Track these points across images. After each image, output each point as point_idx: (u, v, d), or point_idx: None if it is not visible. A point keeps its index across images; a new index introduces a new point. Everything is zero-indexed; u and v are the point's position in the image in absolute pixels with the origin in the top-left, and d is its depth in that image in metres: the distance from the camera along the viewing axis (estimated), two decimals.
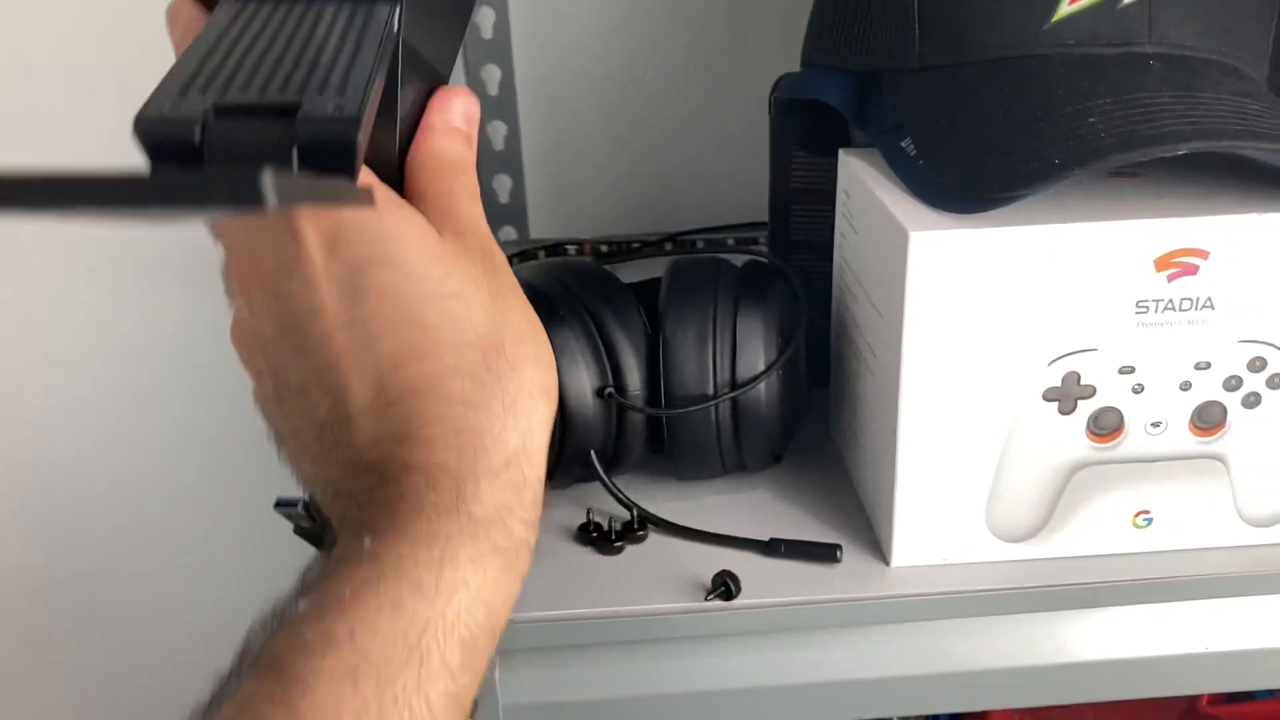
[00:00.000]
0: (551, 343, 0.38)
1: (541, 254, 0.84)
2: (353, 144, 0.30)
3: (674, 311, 0.51)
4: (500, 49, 0.88)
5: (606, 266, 0.56)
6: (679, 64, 0.90)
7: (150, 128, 0.30)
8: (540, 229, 0.94)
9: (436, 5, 0.39)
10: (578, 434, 0.51)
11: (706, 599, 0.48)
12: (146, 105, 0.31)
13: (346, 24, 0.34)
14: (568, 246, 0.84)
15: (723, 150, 0.92)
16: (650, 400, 0.51)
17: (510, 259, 0.53)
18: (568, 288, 0.53)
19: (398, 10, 0.35)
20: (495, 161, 0.90)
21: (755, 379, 0.51)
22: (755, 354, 0.51)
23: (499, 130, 0.90)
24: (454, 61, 0.42)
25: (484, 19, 0.87)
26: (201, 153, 0.30)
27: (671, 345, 0.51)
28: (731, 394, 0.51)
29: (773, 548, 0.50)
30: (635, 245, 0.84)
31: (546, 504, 0.36)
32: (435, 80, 0.40)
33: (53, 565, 1.05)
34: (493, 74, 0.88)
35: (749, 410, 0.51)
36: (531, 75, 0.90)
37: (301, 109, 0.30)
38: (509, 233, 0.93)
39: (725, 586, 0.48)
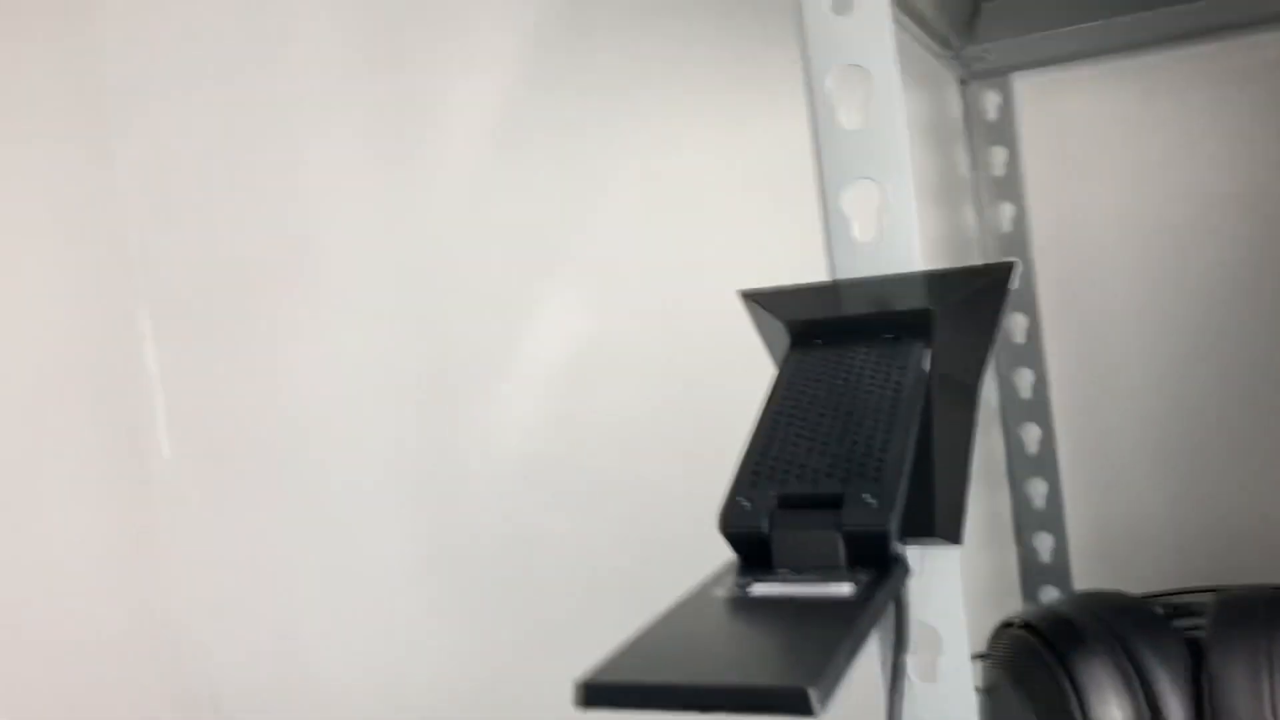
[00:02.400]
0: (1080, 673, 0.40)
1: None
2: (886, 533, 0.36)
3: (1222, 643, 0.50)
4: (1038, 408, 0.93)
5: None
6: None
7: (732, 521, 0.38)
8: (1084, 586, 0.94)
9: (963, 331, 0.46)
10: None
11: None
12: (727, 499, 0.39)
13: (885, 377, 0.42)
14: None
15: None
16: None
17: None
18: (1097, 616, 0.53)
19: (928, 352, 0.42)
20: (1035, 519, 0.93)
21: None
22: None
23: (1038, 488, 0.93)
24: (985, 371, 0.48)
25: (1016, 325, 0.93)
26: (769, 542, 0.37)
27: (1220, 680, 0.49)
28: None
29: None
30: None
31: None
32: (968, 390, 0.46)
33: None
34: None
35: None
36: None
37: (844, 503, 0.37)
38: (1049, 592, 0.93)
39: None
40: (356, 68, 1.16)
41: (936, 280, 0.47)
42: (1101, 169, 0.94)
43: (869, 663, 0.52)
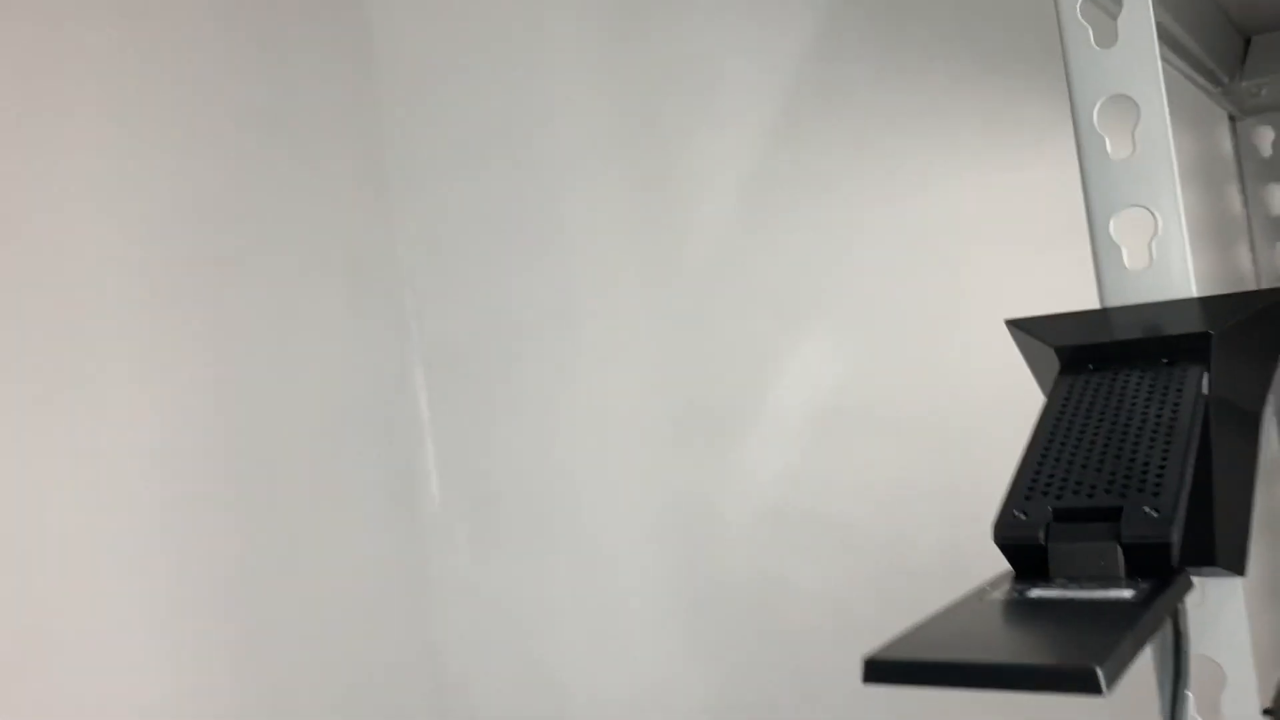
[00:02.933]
0: None
1: None
2: (1169, 544, 0.36)
3: None
4: None
5: None
6: None
7: (1007, 532, 0.39)
8: None
9: (1243, 356, 0.45)
10: None
11: None
12: (1001, 512, 0.40)
13: (1161, 399, 0.42)
14: None
15: None
16: None
17: None
18: None
19: (1206, 376, 0.42)
20: None
21: None
22: None
23: None
24: (1267, 397, 0.47)
25: None
26: (1046, 554, 0.38)
27: None
28: None
29: None
30: None
31: None
32: (1249, 418, 0.45)
33: None
34: None
35: None
36: None
37: (1124, 513, 0.37)
38: None
39: None
40: (616, 134, 1.23)
41: (1213, 304, 0.46)
42: None
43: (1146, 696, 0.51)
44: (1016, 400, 0.57)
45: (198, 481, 1.11)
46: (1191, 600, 0.49)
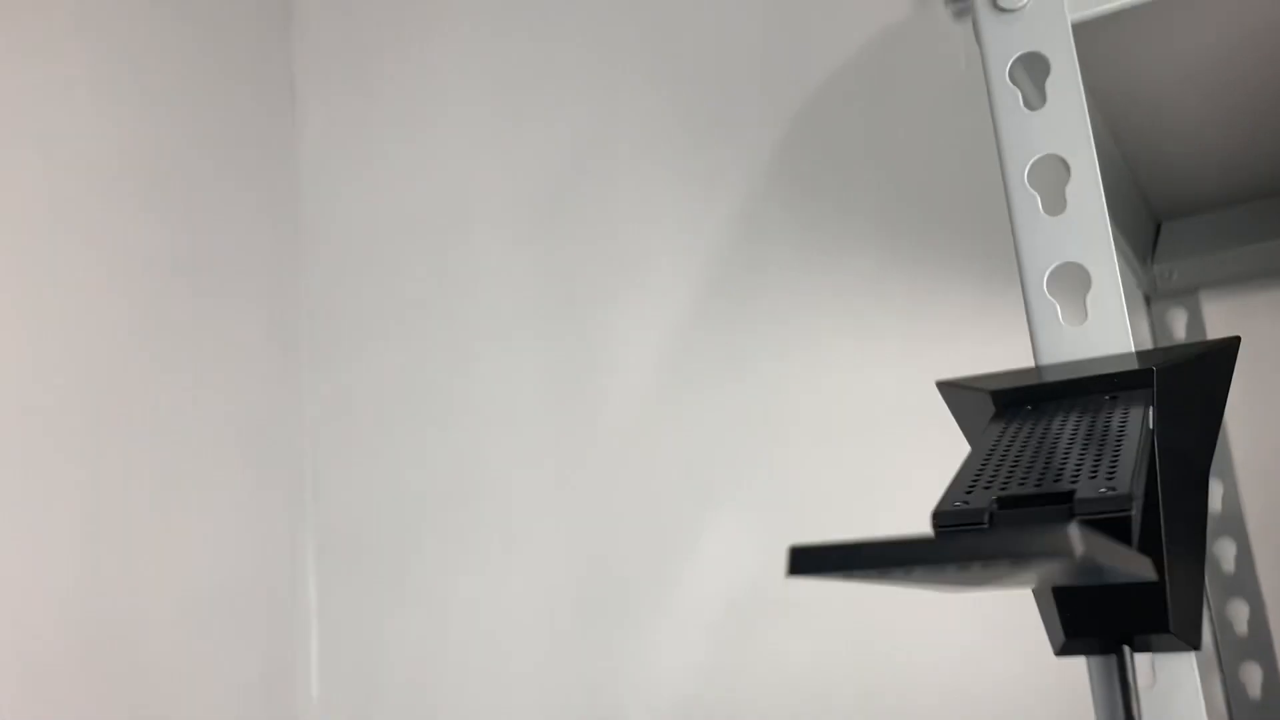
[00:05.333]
0: None
1: None
2: (1128, 517, 0.33)
3: None
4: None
5: None
6: None
7: (946, 519, 0.36)
8: None
9: (1187, 402, 0.42)
10: None
11: None
12: (940, 502, 0.37)
13: (1105, 425, 0.39)
14: None
15: None
16: None
17: None
18: None
19: (1150, 409, 0.39)
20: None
21: None
22: None
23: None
24: (1213, 450, 0.44)
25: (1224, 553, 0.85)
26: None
27: None
28: None
29: None
30: None
31: None
32: (1193, 471, 0.42)
33: None
34: None
35: None
36: None
37: (1077, 494, 0.34)
38: None
39: None
40: (533, 307, 1.22)
41: (1154, 353, 0.44)
42: None
43: None
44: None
45: (63, 639, 1.00)
46: (1143, 683, 0.45)
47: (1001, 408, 0.43)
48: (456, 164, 1.31)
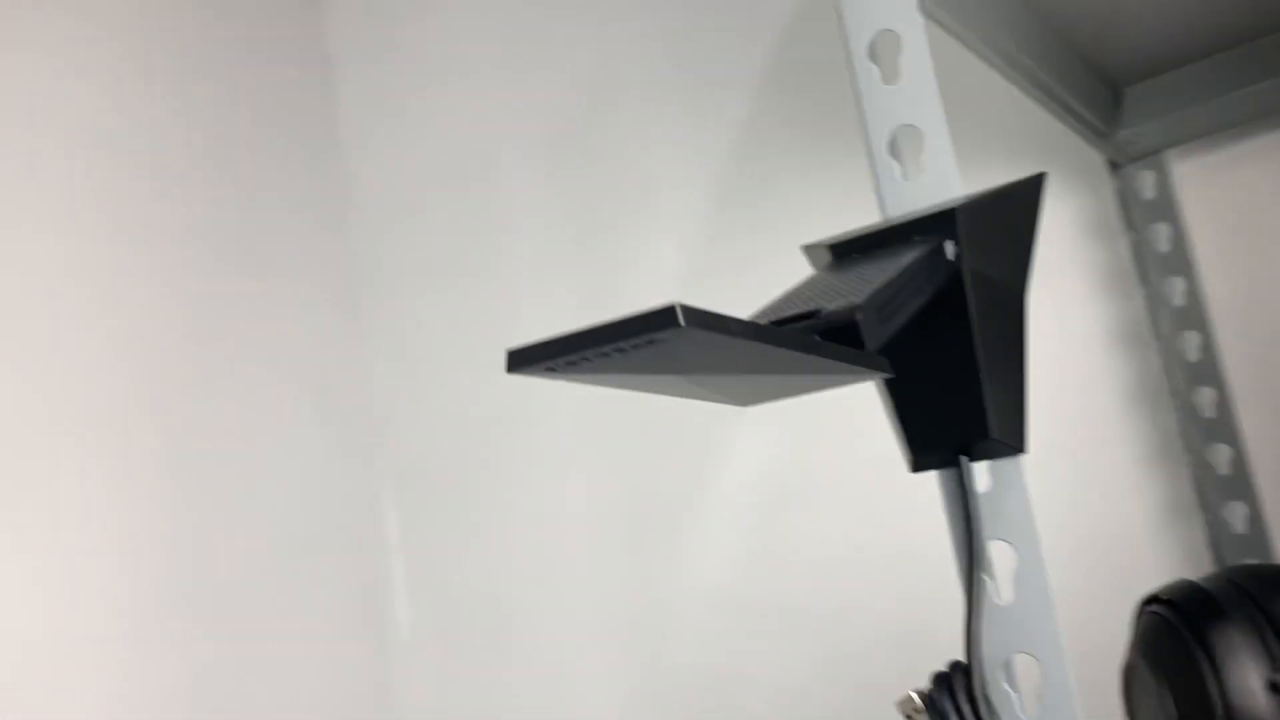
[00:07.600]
0: (1217, 648, 0.40)
1: None
2: (854, 321, 0.39)
3: None
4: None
5: None
6: None
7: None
8: None
9: (998, 231, 0.48)
10: None
11: None
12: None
13: (892, 260, 0.45)
14: None
15: None
16: None
17: None
18: (1237, 586, 0.50)
19: (950, 244, 0.45)
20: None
21: None
22: None
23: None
24: (1027, 275, 0.49)
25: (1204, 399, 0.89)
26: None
27: None
28: None
29: None
30: None
31: None
32: (1008, 294, 0.47)
33: None
34: None
35: None
36: None
37: (822, 311, 0.40)
38: None
39: None
40: (562, 236, 1.30)
41: (968, 199, 0.49)
42: (1276, 239, 0.91)
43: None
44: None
45: (160, 595, 1.12)
46: (981, 485, 0.50)
47: (835, 258, 0.49)
48: (480, 113, 1.39)
